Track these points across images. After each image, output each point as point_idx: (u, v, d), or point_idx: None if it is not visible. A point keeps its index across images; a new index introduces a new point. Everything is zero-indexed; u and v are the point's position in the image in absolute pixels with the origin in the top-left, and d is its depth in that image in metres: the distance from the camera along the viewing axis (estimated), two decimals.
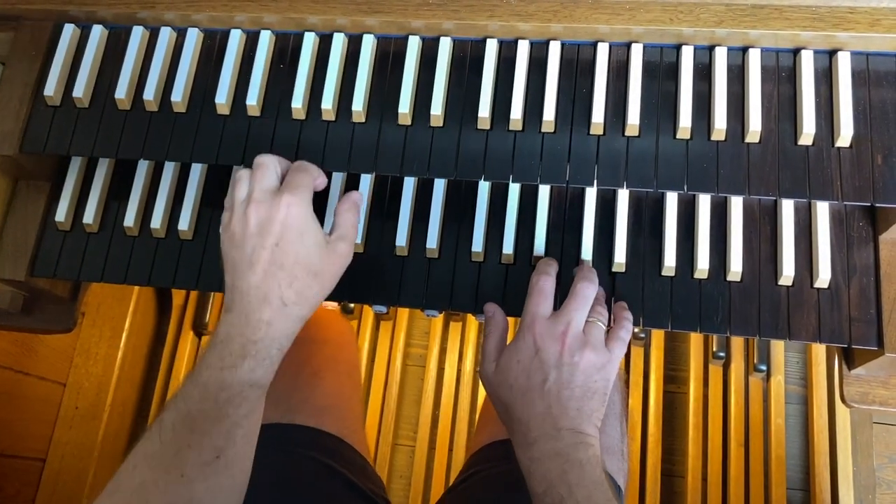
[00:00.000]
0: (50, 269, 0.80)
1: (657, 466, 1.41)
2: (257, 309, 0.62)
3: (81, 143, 0.77)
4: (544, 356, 0.65)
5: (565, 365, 0.65)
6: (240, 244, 0.64)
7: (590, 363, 0.65)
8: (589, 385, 0.65)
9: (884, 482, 1.46)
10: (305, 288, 0.64)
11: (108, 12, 0.78)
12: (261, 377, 0.62)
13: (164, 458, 0.59)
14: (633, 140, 0.72)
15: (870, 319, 0.70)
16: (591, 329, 0.67)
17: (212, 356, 0.62)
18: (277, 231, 0.63)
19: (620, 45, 0.74)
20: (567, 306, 0.67)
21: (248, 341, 0.62)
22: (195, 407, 0.60)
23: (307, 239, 0.64)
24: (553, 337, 0.66)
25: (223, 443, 0.60)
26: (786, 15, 0.70)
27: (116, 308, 1.51)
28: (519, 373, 0.66)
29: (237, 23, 0.78)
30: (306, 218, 0.64)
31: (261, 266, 0.62)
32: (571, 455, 0.62)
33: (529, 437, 0.64)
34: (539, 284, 0.69)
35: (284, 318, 0.63)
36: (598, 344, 0.67)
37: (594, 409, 0.66)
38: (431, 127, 0.74)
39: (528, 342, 0.66)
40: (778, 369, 1.44)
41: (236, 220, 0.64)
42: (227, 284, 0.65)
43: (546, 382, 0.65)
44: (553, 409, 0.64)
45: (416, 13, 0.74)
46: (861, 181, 0.69)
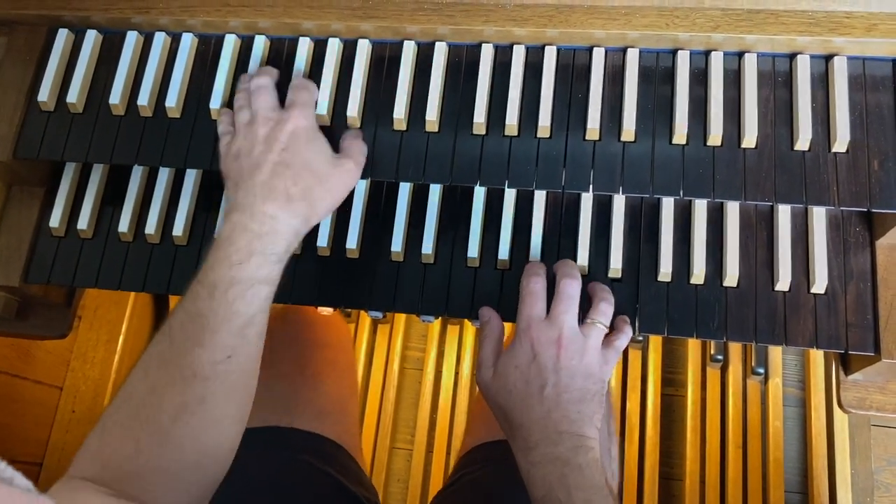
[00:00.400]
0: (44, 276, 0.80)
1: (655, 469, 1.41)
2: (262, 202, 0.63)
3: (75, 149, 0.77)
4: (542, 360, 0.65)
5: (563, 369, 0.65)
6: (247, 153, 0.66)
7: (587, 367, 0.65)
8: (588, 387, 0.65)
9: (882, 485, 1.45)
10: (310, 186, 0.66)
11: (102, 17, 0.78)
12: (269, 274, 0.63)
13: (176, 358, 0.60)
14: (629, 145, 0.72)
15: (866, 325, 0.70)
16: (591, 331, 0.67)
17: (217, 254, 0.62)
18: (285, 139, 0.66)
19: (616, 50, 0.74)
20: (555, 309, 0.67)
21: (254, 236, 0.62)
22: (205, 305, 0.60)
23: (314, 145, 0.67)
24: (550, 341, 0.65)
25: (235, 341, 0.61)
26: (782, 20, 0.70)
27: (113, 312, 1.50)
28: (517, 378, 0.66)
29: (231, 28, 0.77)
30: (313, 128, 0.68)
31: (267, 166, 0.65)
32: (571, 459, 0.62)
33: (530, 441, 0.64)
34: (530, 287, 0.68)
35: (289, 214, 0.64)
36: (595, 347, 0.66)
37: (594, 411, 0.65)
38: (427, 132, 0.74)
39: (525, 347, 0.66)
40: (776, 372, 1.44)
41: (241, 137, 0.67)
42: (228, 189, 0.66)
43: (545, 387, 0.64)
44: (553, 413, 0.64)
45: (412, 18, 0.74)
46: (858, 186, 0.68)
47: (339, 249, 0.77)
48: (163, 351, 0.61)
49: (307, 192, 0.65)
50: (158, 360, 0.61)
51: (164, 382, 0.59)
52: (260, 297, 0.62)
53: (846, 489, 1.37)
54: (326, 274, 0.77)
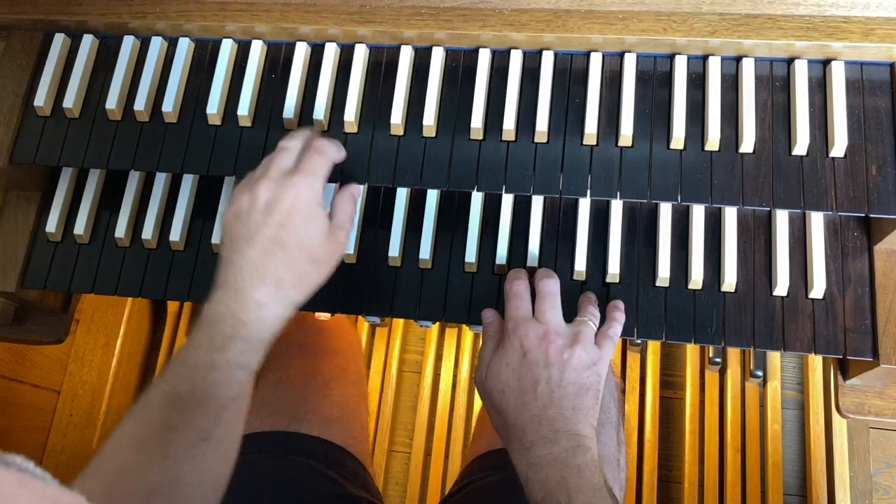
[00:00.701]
0: (40, 281, 0.79)
1: (654, 472, 1.41)
2: (250, 287, 0.61)
3: (72, 154, 0.77)
4: (532, 357, 0.65)
5: (554, 363, 0.65)
6: (244, 218, 0.63)
7: (579, 360, 0.65)
8: (581, 381, 0.65)
9: (881, 487, 1.45)
10: (303, 273, 0.63)
11: (98, 22, 0.78)
12: (250, 360, 0.62)
13: (149, 438, 0.58)
14: (626, 150, 0.72)
15: (865, 330, 0.70)
16: (582, 327, 0.67)
17: (200, 336, 0.61)
18: (285, 211, 0.62)
19: (613, 54, 0.74)
20: (539, 307, 0.67)
21: (238, 322, 0.60)
22: (183, 387, 0.59)
23: (312, 225, 0.63)
24: (538, 337, 0.66)
25: (210, 424, 0.59)
26: (780, 24, 0.70)
27: (111, 315, 1.50)
28: (510, 376, 0.66)
29: (228, 32, 0.77)
30: (315, 203, 0.64)
31: (261, 242, 0.61)
32: (570, 460, 0.62)
33: (525, 441, 0.64)
34: (513, 290, 0.69)
35: (278, 301, 0.62)
36: (587, 341, 0.66)
37: (589, 407, 0.65)
38: (424, 137, 0.74)
39: (514, 346, 0.66)
40: (774, 375, 1.43)
41: (246, 196, 0.64)
42: (222, 259, 0.64)
43: (538, 383, 0.64)
44: (548, 409, 0.64)
45: (409, 23, 0.74)
46: (856, 191, 0.68)
47: None
48: (137, 430, 0.59)
49: (299, 278, 0.63)
50: (130, 439, 0.59)
51: (134, 463, 0.57)
52: (238, 380, 0.61)
53: (845, 492, 1.36)
54: None
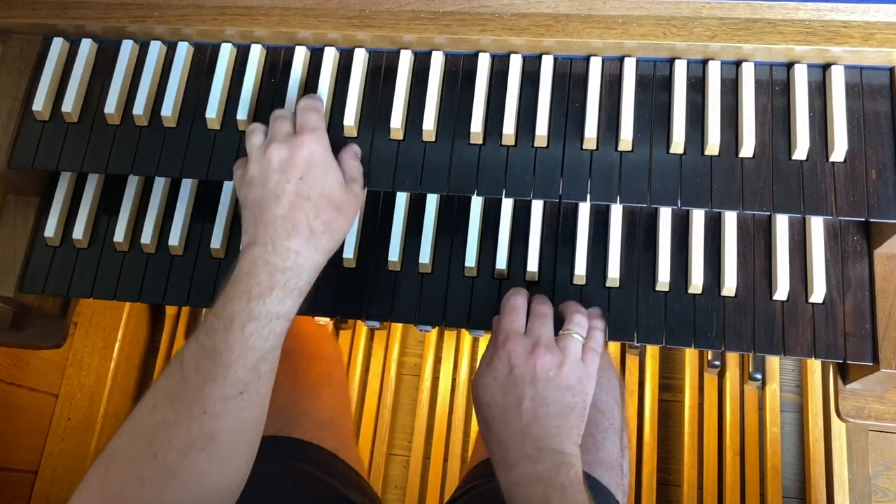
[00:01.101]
0: (39, 286, 0.79)
1: (653, 475, 1.41)
2: (285, 237, 0.62)
3: (70, 158, 0.76)
4: (519, 372, 0.64)
5: (541, 381, 0.64)
6: (262, 182, 0.64)
7: (565, 379, 0.65)
8: (566, 401, 0.64)
9: (879, 490, 1.45)
10: (331, 220, 0.65)
11: (97, 26, 0.78)
12: (289, 308, 0.62)
13: (187, 393, 0.58)
14: (626, 154, 0.72)
15: (865, 334, 0.70)
16: (568, 342, 0.66)
17: (237, 288, 0.61)
18: (301, 166, 0.64)
19: (613, 59, 0.74)
20: (531, 324, 0.67)
21: (276, 270, 0.61)
22: (220, 339, 0.59)
23: (330, 174, 0.66)
24: (526, 352, 0.65)
25: (248, 377, 0.60)
26: (779, 29, 0.70)
27: (109, 318, 1.50)
28: (496, 390, 0.65)
29: (227, 36, 0.77)
30: (328, 155, 0.67)
31: (287, 198, 0.63)
32: (553, 479, 0.61)
33: (509, 458, 0.63)
34: (511, 302, 0.68)
35: (312, 248, 0.64)
36: (573, 359, 0.66)
37: (573, 426, 0.64)
38: (423, 141, 0.74)
39: (502, 360, 0.65)
40: (773, 377, 1.44)
41: (255, 164, 0.66)
42: (246, 223, 0.65)
43: (523, 400, 0.64)
44: (532, 427, 0.63)
45: (408, 27, 0.74)
46: (856, 196, 0.68)
47: (336, 259, 0.77)
48: (173, 385, 0.59)
49: (328, 225, 0.65)
50: (168, 394, 0.59)
51: (173, 418, 0.58)
52: (276, 332, 0.61)
53: (844, 494, 1.36)
54: (323, 284, 0.76)
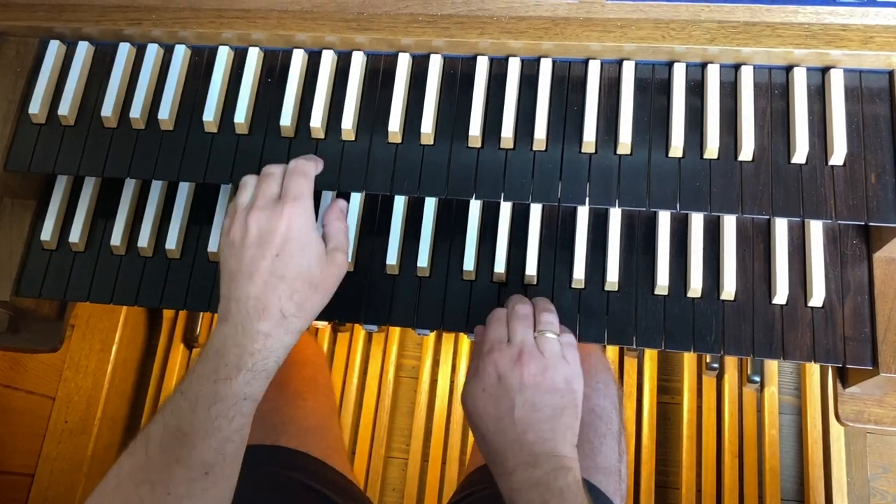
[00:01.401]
0: (35, 289, 0.79)
1: (651, 478, 1.40)
2: (255, 320, 0.61)
3: (67, 162, 0.76)
4: (507, 381, 0.64)
5: (529, 387, 0.64)
6: (238, 253, 0.62)
7: (552, 381, 0.65)
8: (557, 403, 0.64)
9: (878, 492, 1.45)
10: (305, 300, 0.63)
11: (94, 29, 0.77)
12: (256, 390, 0.61)
13: (151, 473, 0.58)
14: (625, 158, 0.71)
15: (864, 338, 0.70)
16: (545, 343, 0.66)
17: (205, 367, 0.60)
18: (278, 242, 0.62)
19: (612, 62, 0.74)
20: (512, 328, 0.67)
21: (244, 352, 0.60)
22: (186, 420, 0.59)
23: (308, 251, 0.63)
24: (511, 360, 0.65)
25: (213, 458, 0.59)
26: (778, 32, 0.70)
27: (106, 321, 1.49)
28: (486, 401, 0.65)
29: (225, 39, 0.77)
30: (308, 229, 0.63)
31: (260, 276, 0.61)
32: (552, 483, 0.61)
33: (507, 466, 0.63)
34: (495, 313, 0.69)
35: (283, 331, 0.62)
36: (556, 358, 0.66)
37: (567, 426, 0.65)
38: (422, 145, 0.74)
39: (489, 370, 0.65)
40: (772, 380, 1.43)
41: (237, 227, 0.63)
42: (222, 294, 0.63)
43: (514, 408, 0.64)
44: (527, 434, 0.63)
45: (406, 30, 0.73)
46: (855, 200, 0.68)
47: None
48: (137, 464, 0.58)
49: (301, 306, 0.63)
50: (131, 473, 0.58)
51: (135, 499, 0.57)
52: (242, 412, 0.60)
53: (842, 497, 1.36)
54: None
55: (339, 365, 1.49)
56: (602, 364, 0.92)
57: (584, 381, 0.84)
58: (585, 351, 0.91)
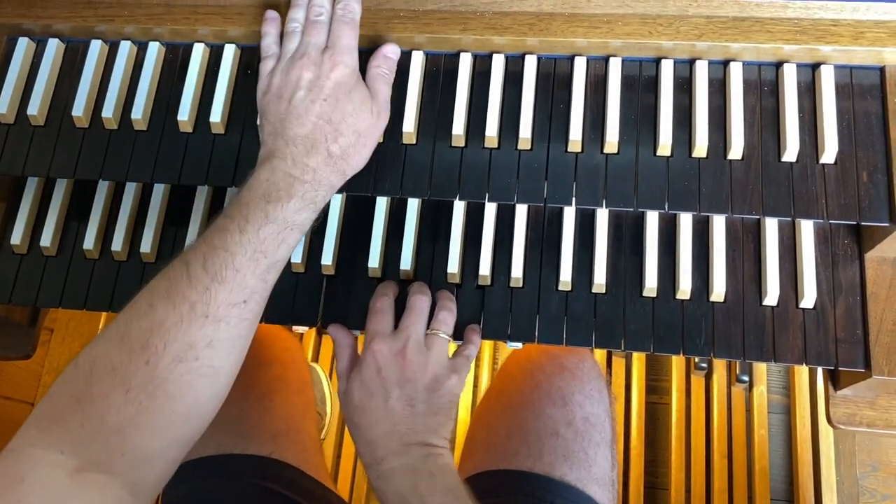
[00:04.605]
0: (5, 295, 0.76)
1: (640, 479, 1.39)
2: (304, 155, 0.62)
3: (37, 163, 0.73)
4: (386, 374, 0.65)
5: (408, 382, 0.65)
6: (288, 96, 0.64)
7: (433, 379, 0.66)
8: (433, 401, 0.65)
9: (867, 491, 1.45)
10: (349, 145, 0.65)
11: (64, 25, 0.75)
12: (304, 220, 0.62)
13: (192, 292, 0.55)
14: (612, 157, 0.70)
15: (856, 340, 0.68)
16: (434, 342, 0.67)
17: (253, 194, 0.60)
18: (329, 87, 0.64)
19: (598, 58, 0.72)
20: (404, 322, 0.68)
21: (295, 180, 0.61)
22: (233, 240, 0.58)
23: (356, 98, 0.65)
24: (393, 352, 0.66)
25: (256, 284, 0.58)
26: (768, 28, 0.68)
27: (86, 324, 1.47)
28: (362, 392, 0.66)
29: (200, 36, 0.75)
30: (355, 78, 0.66)
31: (310, 119, 0.63)
32: (420, 467, 0.62)
33: (377, 455, 0.64)
34: (376, 305, 0.69)
35: (329, 169, 0.63)
36: (440, 359, 0.67)
37: (441, 424, 0.65)
38: (404, 144, 0.72)
39: (369, 362, 0.66)
40: (760, 379, 1.43)
41: (282, 73, 0.66)
42: (267, 134, 0.65)
43: (389, 400, 0.65)
44: (398, 426, 0.64)
45: (388, 26, 0.71)
46: (846, 199, 0.67)
47: (315, 266, 0.74)
48: (176, 284, 0.56)
49: (346, 151, 0.64)
50: (169, 293, 0.55)
51: (174, 318, 0.54)
52: (288, 242, 0.60)
53: (832, 496, 1.36)
54: (301, 291, 0.74)
55: (325, 367, 1.47)
56: (595, 371, 0.90)
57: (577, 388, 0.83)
58: (578, 357, 0.90)
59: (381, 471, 0.63)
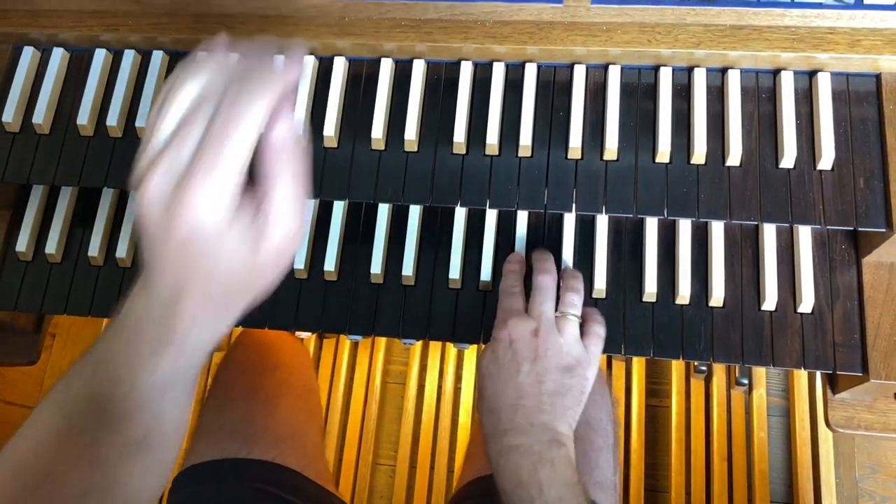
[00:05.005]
0: (10, 302, 0.77)
1: (640, 482, 1.40)
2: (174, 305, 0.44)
3: (42, 171, 0.74)
4: (518, 347, 0.65)
5: (539, 358, 0.64)
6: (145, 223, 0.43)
7: (565, 359, 0.65)
8: (563, 381, 0.64)
9: (866, 493, 1.45)
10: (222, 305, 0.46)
11: (69, 35, 0.76)
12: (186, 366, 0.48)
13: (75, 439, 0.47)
14: (611, 164, 0.70)
15: (854, 344, 0.69)
16: (565, 324, 0.67)
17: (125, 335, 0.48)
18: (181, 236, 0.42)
19: (597, 66, 0.73)
20: (533, 301, 0.67)
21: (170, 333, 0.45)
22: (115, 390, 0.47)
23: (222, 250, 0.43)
24: (527, 331, 0.66)
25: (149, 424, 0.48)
26: (765, 36, 0.69)
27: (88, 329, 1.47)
28: (492, 361, 0.66)
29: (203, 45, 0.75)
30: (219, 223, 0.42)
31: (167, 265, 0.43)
32: (543, 453, 0.61)
33: (500, 427, 0.63)
34: (506, 286, 0.70)
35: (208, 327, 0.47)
36: (572, 340, 0.66)
37: (568, 407, 0.64)
38: (406, 151, 0.72)
39: (503, 336, 0.66)
40: (760, 382, 1.43)
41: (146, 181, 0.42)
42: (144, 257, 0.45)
43: (519, 374, 0.64)
44: (525, 400, 0.63)
45: (389, 35, 0.72)
46: (843, 205, 0.67)
47: (317, 272, 0.75)
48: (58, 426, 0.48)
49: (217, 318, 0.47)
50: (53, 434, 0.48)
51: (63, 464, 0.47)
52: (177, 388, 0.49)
53: (831, 498, 1.36)
54: (304, 297, 0.75)
55: (326, 371, 1.48)
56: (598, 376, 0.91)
57: None
58: None
59: (503, 445, 0.62)
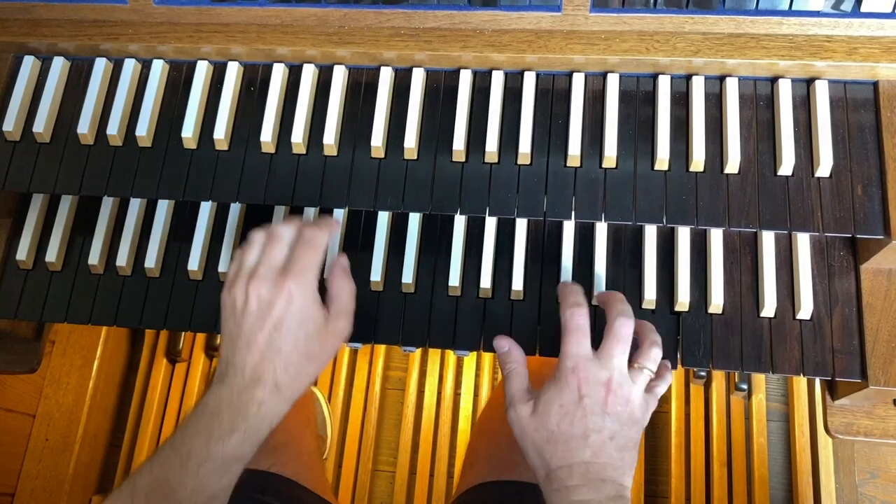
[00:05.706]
0: (11, 310, 0.77)
1: (640, 488, 1.40)
2: (250, 388, 0.61)
3: (42, 180, 0.74)
4: (588, 403, 0.61)
5: (610, 414, 0.61)
6: (238, 318, 0.62)
7: (632, 413, 0.62)
8: (631, 435, 0.62)
9: (866, 498, 1.45)
10: (300, 373, 0.63)
11: (69, 44, 0.76)
12: (246, 452, 0.61)
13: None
14: (610, 171, 0.71)
15: (853, 351, 0.69)
16: (639, 377, 0.63)
17: (198, 424, 0.60)
18: (277, 316, 0.61)
19: (596, 74, 0.73)
20: (609, 350, 0.63)
21: (238, 416, 0.60)
22: (174, 474, 0.58)
23: (307, 325, 0.63)
24: (598, 382, 0.62)
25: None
26: (763, 44, 0.69)
27: (87, 336, 1.47)
28: (561, 418, 0.62)
29: (204, 54, 0.76)
30: (309, 303, 0.63)
31: (257, 347, 0.61)
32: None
33: (569, 483, 0.61)
34: (574, 321, 0.63)
35: (276, 400, 0.62)
36: (641, 393, 0.63)
37: (634, 459, 0.63)
38: (405, 159, 0.72)
39: (571, 387, 0.62)
40: (759, 387, 1.43)
41: (238, 292, 0.63)
42: (222, 354, 0.63)
43: (590, 431, 0.61)
44: (599, 458, 0.61)
45: (388, 44, 0.72)
46: (842, 212, 0.68)
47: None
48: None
49: (296, 378, 0.62)
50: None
51: None
52: (231, 472, 0.61)
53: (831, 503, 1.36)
54: None
55: (325, 378, 1.48)
56: None
57: None
58: None
59: (570, 500, 0.60)
